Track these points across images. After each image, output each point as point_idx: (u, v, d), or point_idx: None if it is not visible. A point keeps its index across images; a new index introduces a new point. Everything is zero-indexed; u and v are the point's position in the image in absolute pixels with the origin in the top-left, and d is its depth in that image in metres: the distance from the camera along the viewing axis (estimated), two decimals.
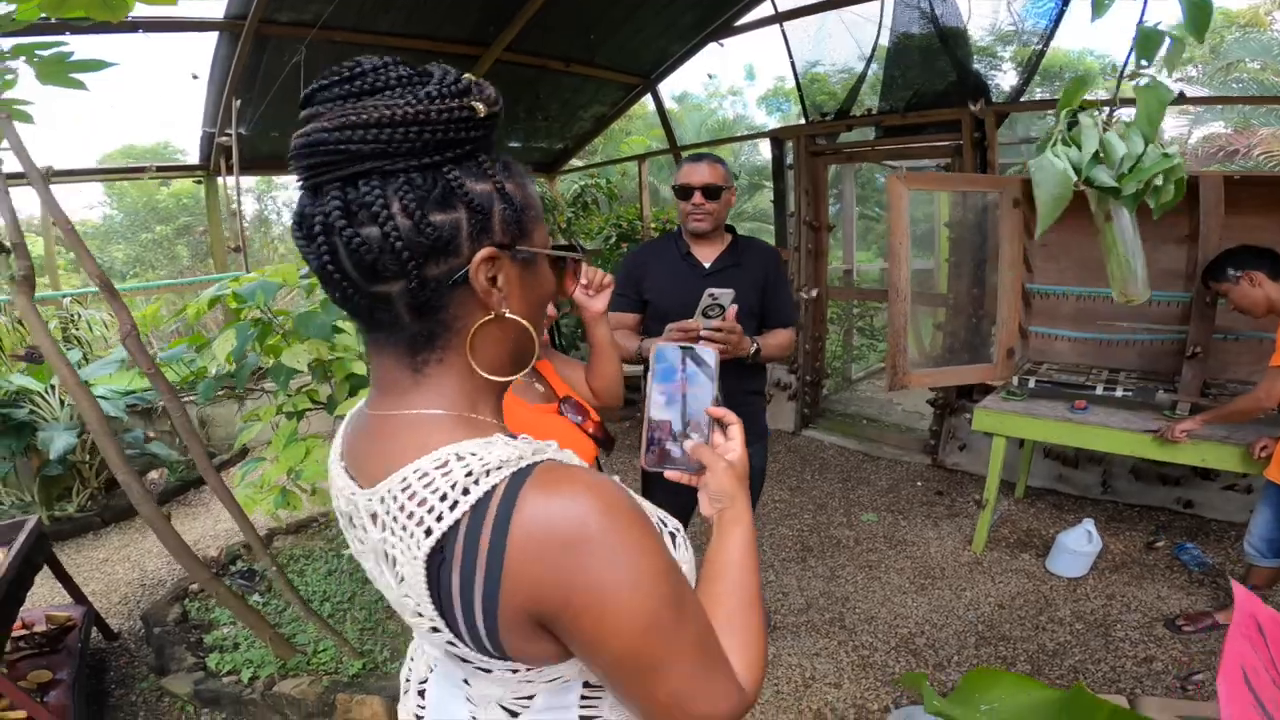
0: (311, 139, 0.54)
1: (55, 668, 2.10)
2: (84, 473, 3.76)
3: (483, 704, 0.72)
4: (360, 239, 0.54)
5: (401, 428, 0.62)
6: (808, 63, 4.55)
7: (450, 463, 0.58)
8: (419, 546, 0.57)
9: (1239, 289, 2.28)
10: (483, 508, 0.56)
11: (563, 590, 0.55)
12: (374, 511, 0.61)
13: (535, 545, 0.54)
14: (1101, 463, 3.53)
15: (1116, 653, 2.35)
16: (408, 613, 0.63)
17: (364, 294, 0.57)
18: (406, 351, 0.62)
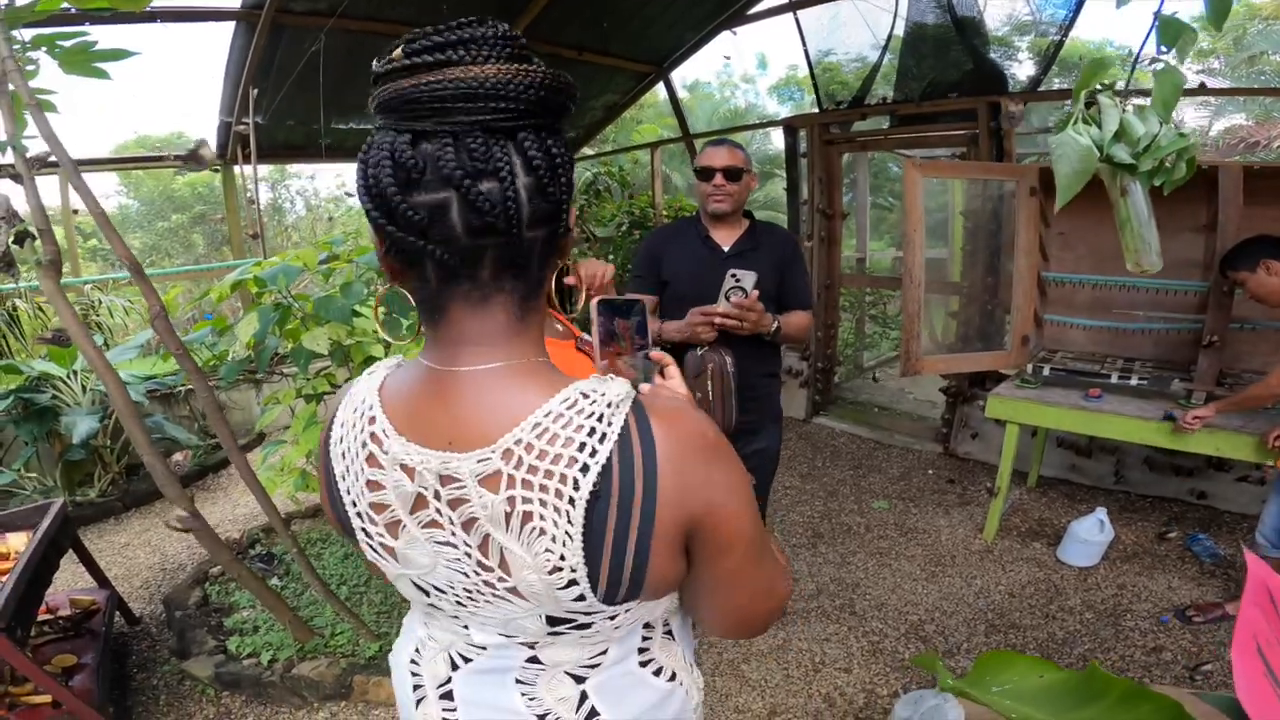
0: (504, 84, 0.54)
1: (79, 652, 2.14)
2: (105, 457, 3.82)
3: (545, 680, 0.74)
4: (556, 182, 0.58)
5: (508, 378, 0.62)
6: (821, 51, 4.52)
7: (580, 401, 0.60)
8: (577, 486, 0.58)
9: (1256, 277, 2.27)
10: (626, 437, 0.59)
11: (706, 492, 0.61)
12: (490, 472, 0.59)
13: (681, 459, 0.60)
14: (1115, 453, 3.52)
15: (1126, 642, 2.35)
16: (535, 573, 0.61)
17: (520, 240, 0.58)
18: (518, 301, 0.62)
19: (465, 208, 0.55)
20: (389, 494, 0.64)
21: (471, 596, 0.67)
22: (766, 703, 2.14)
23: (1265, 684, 0.68)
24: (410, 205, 0.54)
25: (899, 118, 4.11)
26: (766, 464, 2.29)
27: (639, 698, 0.76)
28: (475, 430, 0.60)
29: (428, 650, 0.80)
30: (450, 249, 0.56)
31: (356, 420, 0.67)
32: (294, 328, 2.39)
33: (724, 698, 2.16)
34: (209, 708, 2.18)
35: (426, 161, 0.54)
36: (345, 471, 0.67)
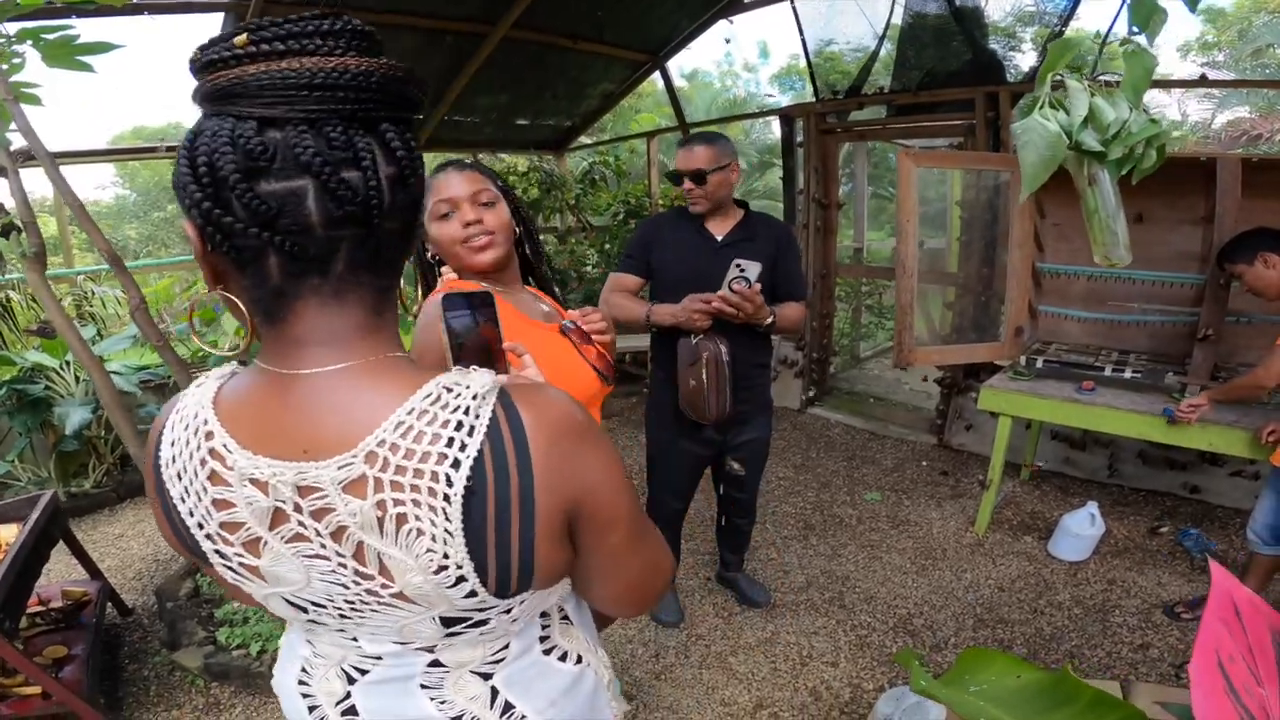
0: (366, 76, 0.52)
1: (70, 643, 2.14)
2: (99, 448, 3.83)
3: (451, 682, 0.72)
4: (412, 176, 0.56)
5: (362, 377, 0.58)
6: (820, 41, 4.49)
7: (444, 396, 0.57)
8: (450, 484, 0.56)
9: (1254, 270, 2.25)
10: (495, 428, 0.58)
11: (582, 475, 0.62)
12: (354, 477, 0.56)
13: (554, 446, 0.59)
14: (1108, 446, 3.51)
15: (1113, 638, 2.35)
16: (420, 575, 0.58)
17: (379, 230, 0.56)
18: (374, 295, 0.59)
19: (325, 196, 0.52)
20: (241, 512, 0.59)
21: (355, 608, 0.63)
22: (753, 696, 2.14)
23: (1225, 700, 0.68)
24: (256, 195, 0.50)
25: (896, 107, 4.08)
26: (758, 454, 2.29)
27: (550, 684, 0.77)
28: (332, 435, 0.57)
29: (316, 668, 0.75)
30: (302, 240, 0.53)
31: (190, 437, 0.61)
32: None
33: (710, 690, 2.17)
34: (198, 698, 2.19)
35: (277, 148, 0.50)
36: (184, 494, 0.61)
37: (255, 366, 0.62)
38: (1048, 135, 0.97)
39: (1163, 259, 3.11)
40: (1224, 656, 0.71)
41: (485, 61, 4.46)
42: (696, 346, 1.97)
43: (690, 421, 2.09)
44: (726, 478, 2.32)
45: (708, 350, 1.95)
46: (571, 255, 5.61)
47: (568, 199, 5.70)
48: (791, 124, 4.51)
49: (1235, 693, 0.69)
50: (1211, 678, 0.69)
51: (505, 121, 5.56)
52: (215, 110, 0.52)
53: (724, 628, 2.47)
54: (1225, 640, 0.72)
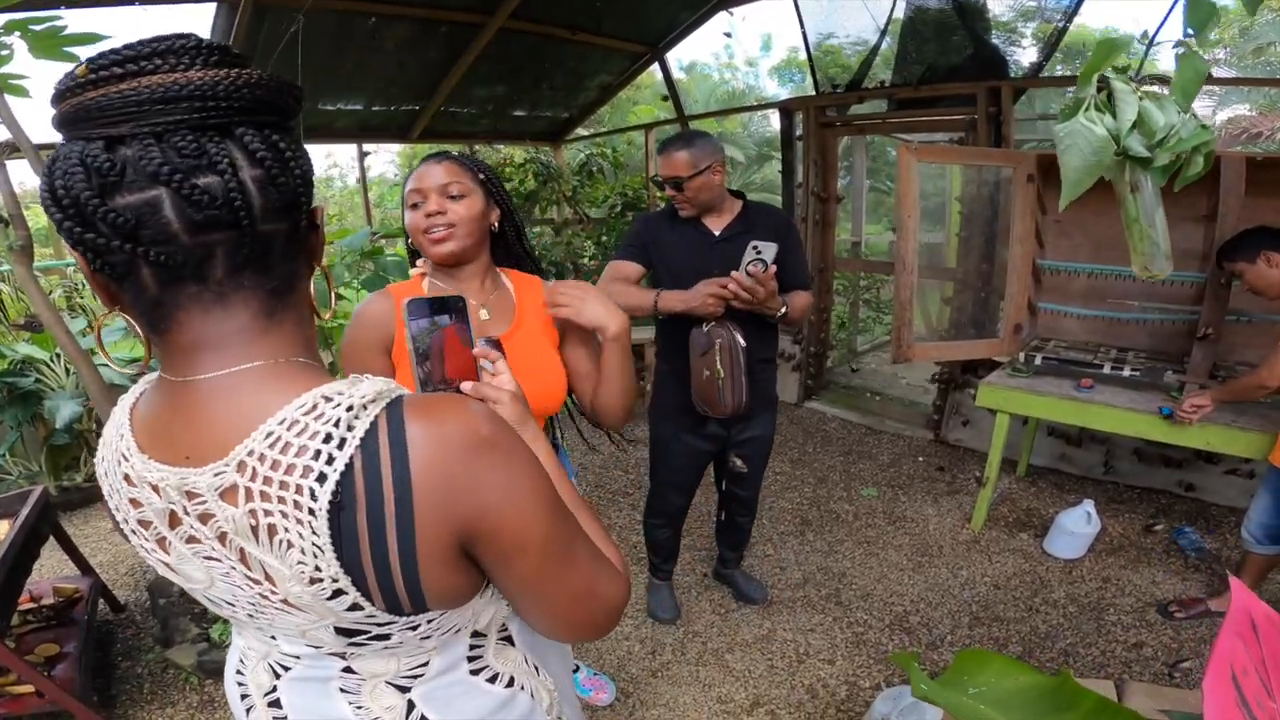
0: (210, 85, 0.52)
1: (62, 641, 2.12)
2: (91, 442, 3.80)
3: (368, 690, 0.71)
4: (283, 175, 0.56)
5: (250, 383, 0.58)
6: (821, 34, 4.45)
7: (320, 405, 0.56)
8: (314, 498, 0.54)
9: (1255, 269, 2.23)
10: (373, 441, 0.56)
11: (477, 496, 0.58)
12: (227, 485, 0.56)
13: (442, 463, 0.56)
14: (1105, 443, 3.51)
15: (1108, 637, 2.35)
16: (297, 585, 0.58)
17: (254, 234, 0.55)
18: (264, 298, 0.59)
19: (181, 203, 0.51)
20: (147, 510, 0.61)
21: (259, 609, 0.64)
22: (750, 693, 2.14)
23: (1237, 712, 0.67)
24: (111, 209, 0.51)
25: (897, 102, 4.05)
26: (761, 450, 2.29)
27: (473, 704, 0.75)
28: (212, 442, 0.57)
29: (249, 659, 0.77)
30: (168, 249, 0.52)
31: (113, 439, 0.64)
32: None
33: (707, 688, 2.16)
34: (192, 695, 2.18)
35: (126, 163, 0.51)
36: (110, 491, 0.64)
37: (160, 375, 0.63)
38: (1094, 140, 0.93)
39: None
40: (1238, 670, 0.70)
41: (482, 53, 4.42)
42: (709, 334, 1.91)
43: (695, 416, 2.07)
44: (729, 474, 2.31)
45: (721, 338, 1.90)
46: (568, 247, 5.57)
47: (564, 191, 5.66)
48: (791, 117, 4.48)
49: (1247, 704, 0.68)
50: (1224, 690, 0.68)
51: (502, 113, 5.51)
52: (67, 136, 0.53)
53: (721, 624, 2.46)
54: (1240, 654, 0.71)
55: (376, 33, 4.06)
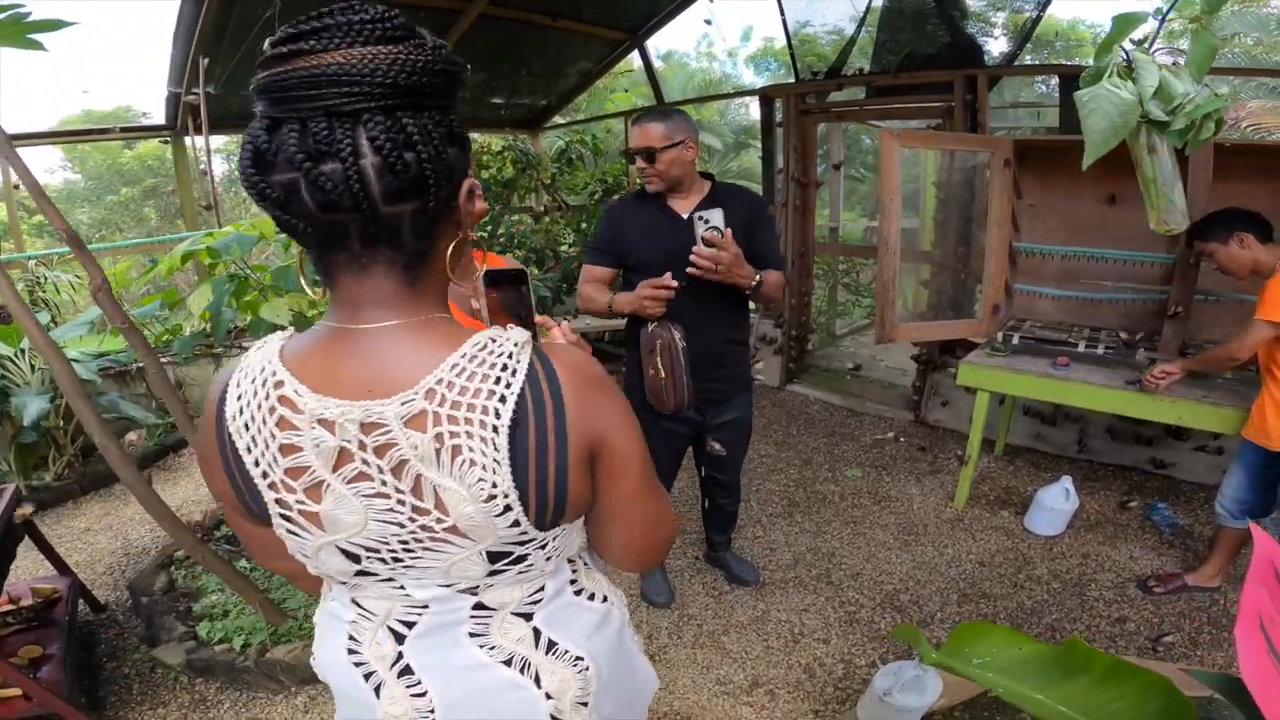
0: (345, 69, 0.56)
1: (45, 642, 2.06)
2: (59, 440, 3.68)
3: (496, 625, 0.79)
4: (404, 162, 0.59)
5: (417, 331, 0.67)
6: (799, 23, 4.47)
7: (489, 344, 0.67)
8: (498, 415, 0.64)
9: (1227, 250, 2.28)
10: (534, 372, 0.67)
11: (602, 420, 0.70)
12: (417, 412, 0.63)
13: (580, 391, 0.69)
14: (1078, 421, 3.61)
15: (1091, 612, 2.42)
16: (471, 505, 0.65)
17: (376, 216, 0.61)
18: (404, 268, 0.66)
19: (310, 187, 0.58)
20: (307, 455, 0.66)
21: (408, 548, 0.70)
22: (748, 674, 2.16)
23: (1268, 661, 0.69)
24: (268, 184, 0.59)
25: (875, 89, 4.08)
26: (740, 435, 2.29)
27: (584, 621, 0.85)
28: (394, 377, 0.65)
29: (364, 631, 0.80)
30: (310, 223, 0.61)
31: (258, 389, 0.67)
32: (252, 299, 2.31)
33: (705, 670, 2.18)
34: (183, 695, 2.13)
35: (278, 146, 0.58)
36: (250, 444, 0.67)
37: (319, 324, 0.70)
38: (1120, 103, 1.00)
39: (1134, 239, 3.18)
40: (1265, 619, 0.72)
41: (461, 39, 4.34)
42: (652, 335, 1.93)
43: None
44: (708, 459, 2.32)
45: (661, 338, 1.91)
46: (547, 235, 5.54)
47: (543, 178, 5.61)
48: (771, 104, 4.49)
49: (1276, 654, 0.70)
50: (1254, 640, 0.70)
51: (480, 100, 5.44)
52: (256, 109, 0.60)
53: (715, 607, 2.48)
54: (1266, 603, 0.73)
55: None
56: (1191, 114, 1.00)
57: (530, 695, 0.80)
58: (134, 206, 9.51)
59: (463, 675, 0.79)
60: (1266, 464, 2.23)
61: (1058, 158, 3.26)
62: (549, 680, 0.81)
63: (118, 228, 9.22)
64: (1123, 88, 1.00)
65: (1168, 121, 1.02)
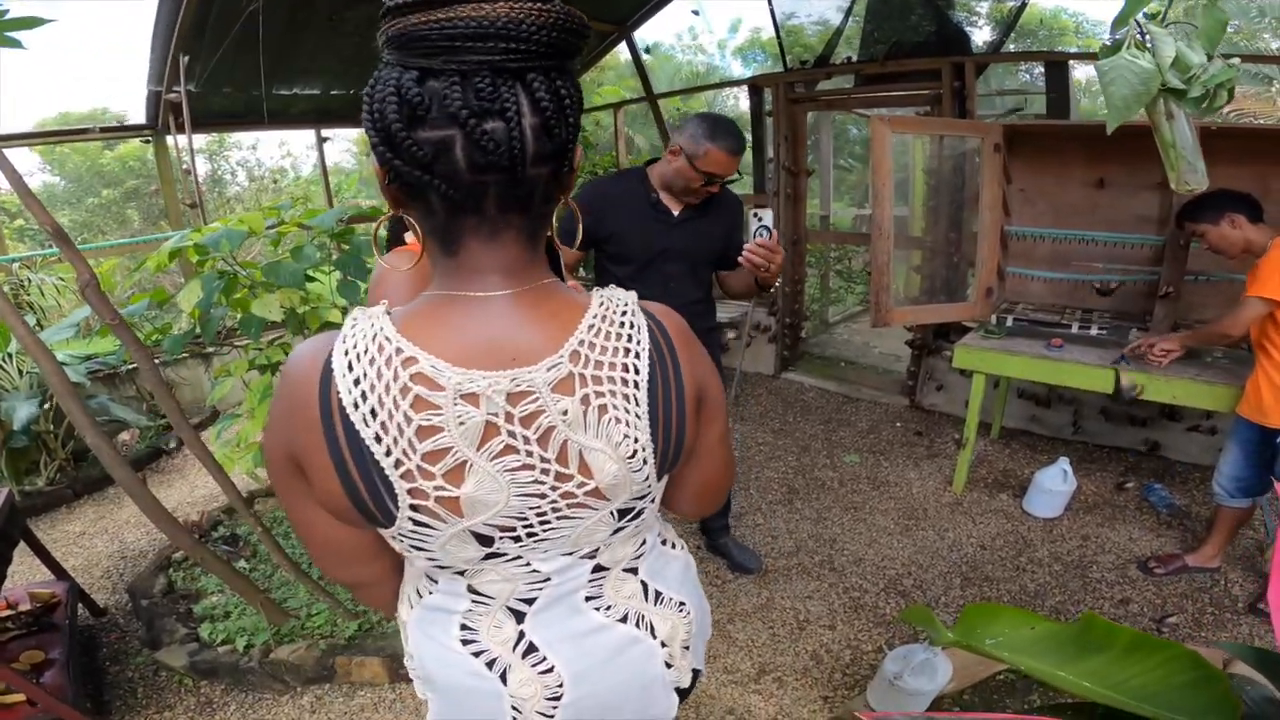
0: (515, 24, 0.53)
1: (46, 647, 2.03)
2: (50, 444, 3.63)
3: (611, 584, 0.82)
4: (562, 122, 0.59)
5: (541, 297, 0.66)
6: (785, 13, 4.48)
7: (607, 304, 0.68)
8: (638, 371, 0.67)
9: (1218, 230, 2.30)
10: (649, 329, 0.69)
11: (702, 367, 0.75)
12: (564, 376, 0.64)
13: (684, 342, 0.73)
14: (1072, 403, 3.64)
15: (1095, 594, 2.44)
16: (615, 463, 0.67)
17: (522, 178, 0.59)
18: (526, 235, 0.64)
19: (470, 145, 0.56)
20: (448, 435, 0.62)
21: (545, 519, 0.70)
22: (755, 662, 2.17)
23: None
24: (415, 141, 0.56)
25: (864, 78, 4.09)
26: None
27: (674, 569, 0.90)
28: (537, 343, 0.64)
29: (480, 619, 0.78)
30: (454, 184, 0.58)
31: (382, 370, 0.61)
32: (242, 296, 2.28)
33: (712, 659, 2.19)
34: (188, 698, 2.11)
35: (433, 99, 0.55)
36: (381, 431, 0.61)
37: (435, 295, 0.66)
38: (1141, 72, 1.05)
39: (1123, 221, 3.21)
40: None
41: None
42: None
43: None
44: None
45: None
46: None
47: None
48: (761, 94, 4.49)
49: None
50: None
51: None
52: (388, 58, 0.57)
53: (719, 596, 2.49)
54: None
55: (335, 14, 3.91)
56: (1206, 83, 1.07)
57: (648, 646, 0.84)
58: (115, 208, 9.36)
59: (587, 640, 0.80)
60: (1262, 440, 2.26)
61: (1045, 143, 3.28)
62: (661, 628, 0.85)
63: (99, 230, 9.07)
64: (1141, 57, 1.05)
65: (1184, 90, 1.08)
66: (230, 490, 2.11)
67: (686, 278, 2.03)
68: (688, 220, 2.00)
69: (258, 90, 4.39)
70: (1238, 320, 2.22)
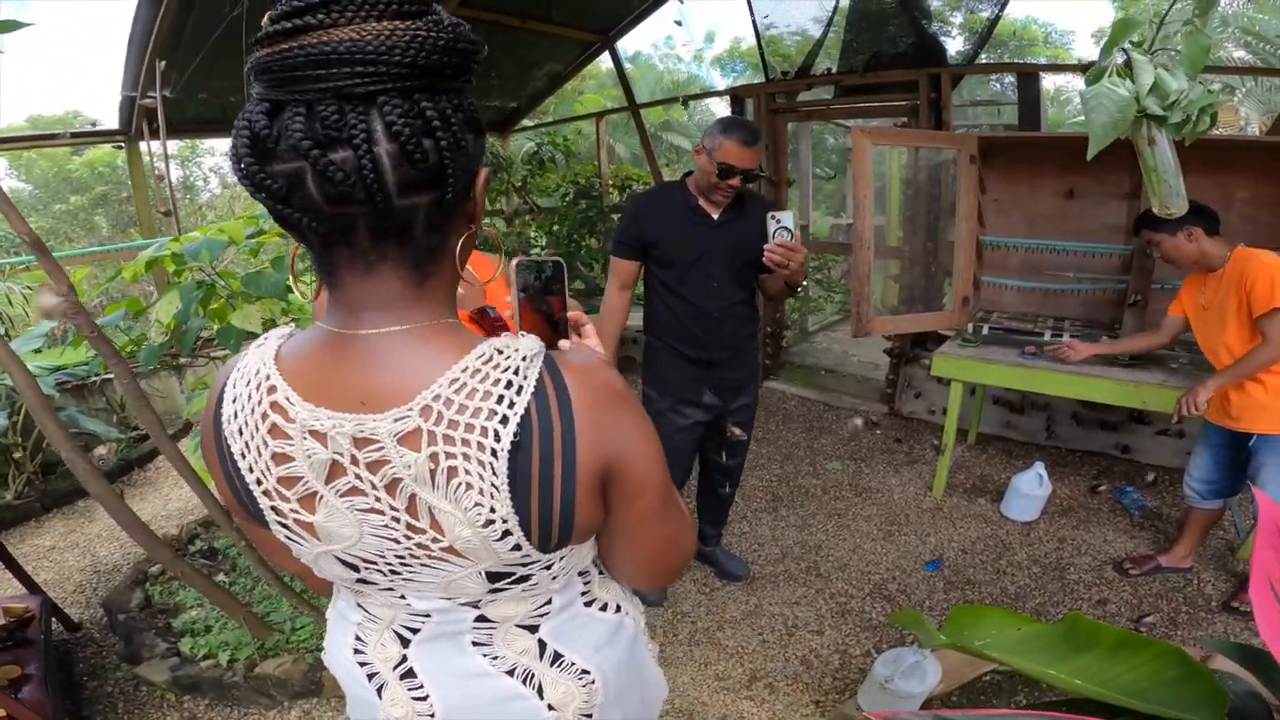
0: (358, 47, 0.50)
1: (22, 662, 1.98)
2: (17, 457, 3.53)
3: (500, 636, 0.77)
4: (422, 149, 0.54)
5: (415, 340, 0.61)
6: (767, 23, 4.54)
7: (494, 356, 0.61)
8: (498, 438, 0.59)
9: (1174, 240, 2.32)
10: (541, 389, 0.61)
11: (619, 439, 0.65)
12: (411, 429, 0.59)
13: (595, 409, 0.63)
14: (1045, 409, 3.73)
15: (1073, 595, 2.49)
16: (469, 529, 0.61)
17: (389, 208, 0.55)
18: (413, 266, 0.60)
19: (318, 177, 0.52)
20: (299, 465, 0.62)
21: (405, 563, 0.67)
22: (746, 669, 2.18)
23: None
24: (268, 175, 0.53)
25: (843, 88, 4.16)
26: (752, 419, 2.41)
27: (593, 633, 0.82)
28: (389, 390, 0.60)
29: (370, 634, 0.79)
30: (316, 217, 0.55)
31: (252, 393, 0.63)
32: (219, 307, 2.25)
33: (703, 666, 2.20)
34: (171, 713, 2.07)
35: (280, 131, 0.52)
36: (244, 449, 0.64)
37: (316, 327, 0.64)
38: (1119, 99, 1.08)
39: (1093, 231, 3.30)
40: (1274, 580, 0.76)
41: None
42: None
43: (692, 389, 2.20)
44: (727, 445, 2.39)
45: None
46: (519, 237, 5.51)
47: (514, 181, 5.58)
48: (742, 104, 4.55)
49: None
50: (1267, 602, 0.74)
51: None
52: (252, 92, 0.55)
53: (707, 603, 2.50)
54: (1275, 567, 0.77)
55: None
56: (1186, 108, 1.10)
57: (532, 705, 0.79)
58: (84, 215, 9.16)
59: (465, 682, 0.78)
60: (1229, 444, 2.33)
61: (1019, 154, 3.37)
62: (552, 692, 0.79)
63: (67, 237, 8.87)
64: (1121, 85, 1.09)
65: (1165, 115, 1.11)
66: (210, 503, 2.07)
67: (728, 279, 2.09)
68: (726, 223, 2.07)
69: (234, 96, 4.35)
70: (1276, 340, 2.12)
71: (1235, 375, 2.22)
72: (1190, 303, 2.46)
